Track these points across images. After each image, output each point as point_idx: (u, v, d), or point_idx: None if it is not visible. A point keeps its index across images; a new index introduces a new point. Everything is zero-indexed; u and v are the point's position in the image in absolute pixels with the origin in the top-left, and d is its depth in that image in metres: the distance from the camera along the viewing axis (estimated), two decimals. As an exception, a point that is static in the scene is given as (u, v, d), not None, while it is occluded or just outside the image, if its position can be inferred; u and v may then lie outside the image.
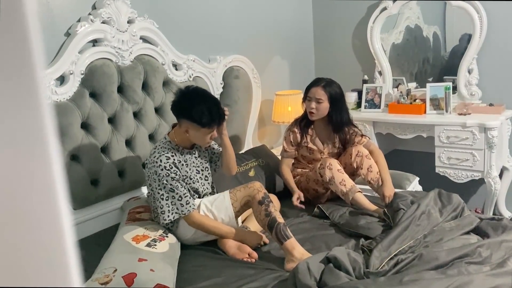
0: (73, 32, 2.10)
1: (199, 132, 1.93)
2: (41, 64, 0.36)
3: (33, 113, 0.36)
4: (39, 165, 0.37)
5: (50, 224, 0.38)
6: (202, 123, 1.90)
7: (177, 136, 2.00)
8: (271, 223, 1.86)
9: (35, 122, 0.37)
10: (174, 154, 1.94)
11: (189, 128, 1.93)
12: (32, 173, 0.37)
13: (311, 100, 2.39)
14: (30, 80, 0.36)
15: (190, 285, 1.69)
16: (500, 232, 1.91)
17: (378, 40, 3.30)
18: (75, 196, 2.09)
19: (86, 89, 2.14)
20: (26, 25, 0.35)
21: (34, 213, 0.38)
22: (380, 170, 2.36)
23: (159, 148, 1.95)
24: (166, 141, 1.99)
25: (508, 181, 3.05)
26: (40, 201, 0.38)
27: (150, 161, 1.94)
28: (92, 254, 1.85)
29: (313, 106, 2.38)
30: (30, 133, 0.37)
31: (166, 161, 1.90)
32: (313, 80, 2.48)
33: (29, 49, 0.36)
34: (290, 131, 2.52)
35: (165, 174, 1.88)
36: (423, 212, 1.99)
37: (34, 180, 0.37)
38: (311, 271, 1.55)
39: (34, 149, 0.37)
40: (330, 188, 2.35)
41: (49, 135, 0.37)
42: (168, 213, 1.89)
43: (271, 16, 3.30)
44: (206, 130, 1.93)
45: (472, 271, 1.57)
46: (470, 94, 3.01)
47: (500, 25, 2.89)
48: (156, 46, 2.45)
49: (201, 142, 2.01)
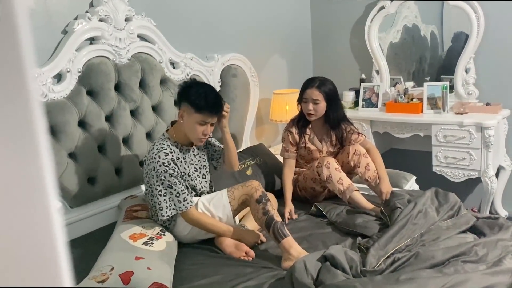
0: (70, 30, 2.09)
1: (192, 117, 1.90)
2: (31, 61, 0.36)
3: (23, 111, 0.36)
4: (29, 164, 0.37)
5: (40, 223, 0.38)
6: (197, 105, 1.89)
7: (176, 132, 2.00)
8: (269, 222, 1.86)
9: (25, 120, 0.36)
10: (172, 151, 1.94)
11: (184, 112, 1.92)
12: (22, 171, 0.37)
13: (308, 101, 2.39)
14: (20, 77, 0.36)
15: (187, 283, 1.69)
16: (497, 231, 1.91)
17: (376, 39, 3.31)
18: (72, 194, 2.09)
19: (83, 87, 2.14)
20: (15, 22, 0.35)
21: (24, 212, 0.37)
22: (377, 168, 2.37)
23: (157, 145, 1.94)
24: (165, 138, 1.98)
25: (504, 180, 3.06)
26: (30, 199, 0.37)
27: (148, 158, 1.94)
28: (89, 253, 1.84)
29: (311, 107, 2.38)
30: (20, 131, 0.36)
31: (165, 157, 1.89)
32: (306, 81, 2.45)
33: (18, 45, 0.35)
34: (288, 132, 2.51)
35: (163, 170, 1.88)
36: (420, 211, 1.99)
37: (24, 178, 0.37)
38: (308, 269, 1.55)
39: (24, 147, 0.37)
40: (328, 187, 2.36)
41: (39, 132, 0.37)
42: (166, 209, 1.89)
43: (270, 14, 3.30)
44: (199, 117, 1.90)
45: (468, 270, 1.58)
46: (467, 94, 3.02)
47: (497, 24, 2.90)
48: (154, 44, 2.45)
49: (192, 131, 1.93)
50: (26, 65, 0.36)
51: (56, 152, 2.00)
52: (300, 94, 2.44)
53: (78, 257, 1.88)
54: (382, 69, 3.32)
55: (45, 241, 0.38)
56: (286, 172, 2.47)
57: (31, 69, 0.36)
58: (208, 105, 1.90)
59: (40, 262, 0.38)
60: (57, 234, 0.38)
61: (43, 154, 0.37)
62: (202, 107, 1.89)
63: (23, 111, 0.36)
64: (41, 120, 0.37)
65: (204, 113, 1.90)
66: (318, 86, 2.37)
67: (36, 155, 0.37)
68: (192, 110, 1.90)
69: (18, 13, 0.35)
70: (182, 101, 1.94)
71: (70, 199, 2.10)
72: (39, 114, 0.37)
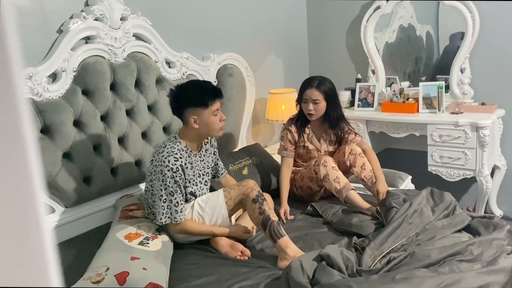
0: (65, 29, 2.08)
1: (205, 115, 1.92)
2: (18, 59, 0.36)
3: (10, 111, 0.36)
4: (16, 163, 0.36)
5: (28, 222, 0.37)
6: (203, 102, 1.90)
7: (186, 136, 1.99)
8: (265, 221, 1.86)
9: (12, 120, 0.36)
10: (182, 156, 1.93)
11: (195, 118, 1.92)
12: (8, 171, 0.36)
13: (308, 101, 2.38)
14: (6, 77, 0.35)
15: (183, 283, 1.68)
16: (491, 230, 1.92)
17: (372, 39, 3.31)
18: (67, 194, 2.08)
19: (79, 86, 2.13)
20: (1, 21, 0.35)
21: (11, 211, 0.37)
22: (373, 168, 2.37)
23: (168, 148, 1.92)
24: (177, 141, 1.96)
25: (499, 179, 3.08)
26: (17, 199, 0.37)
27: (157, 159, 1.92)
28: (84, 253, 1.84)
29: (311, 108, 2.38)
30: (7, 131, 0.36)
31: (174, 163, 1.88)
32: (306, 80, 2.45)
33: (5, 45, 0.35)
34: (287, 130, 2.49)
35: (170, 176, 1.87)
36: (415, 211, 2.00)
37: (10, 178, 0.37)
38: (304, 269, 1.55)
39: (11, 147, 0.36)
40: (324, 186, 2.36)
41: (26, 132, 0.36)
42: (162, 216, 1.89)
43: (266, 14, 3.30)
44: (211, 110, 1.92)
45: (464, 269, 1.58)
46: (463, 93, 3.03)
47: (492, 24, 2.91)
48: (149, 44, 2.44)
49: (212, 126, 1.95)
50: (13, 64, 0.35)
51: (51, 152, 1.99)
52: (300, 95, 2.43)
53: (73, 257, 1.88)
54: (378, 69, 3.33)
55: (32, 241, 0.38)
56: (284, 171, 2.46)
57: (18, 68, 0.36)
58: (211, 95, 1.92)
59: (28, 261, 0.38)
60: (45, 233, 0.38)
61: (30, 154, 0.37)
62: (208, 100, 1.91)
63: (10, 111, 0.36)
64: (29, 120, 0.37)
65: (212, 102, 1.92)
66: (317, 86, 2.37)
67: (23, 154, 0.36)
68: (201, 108, 1.91)
69: (4, 11, 0.35)
70: (185, 108, 1.92)
71: (65, 199, 2.09)
72: (27, 114, 0.37)
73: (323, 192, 2.45)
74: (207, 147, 2.12)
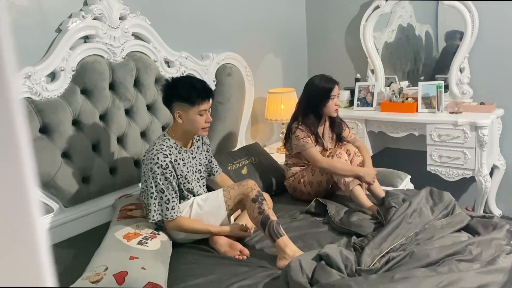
0: (64, 28, 2.08)
1: (190, 112, 1.91)
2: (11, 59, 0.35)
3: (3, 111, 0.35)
4: (9, 164, 0.36)
5: (21, 222, 0.37)
6: (190, 99, 1.89)
7: (174, 132, 1.99)
8: (264, 221, 1.86)
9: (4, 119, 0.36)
10: (171, 153, 1.93)
11: (180, 112, 1.92)
12: (1, 171, 0.36)
13: (335, 97, 2.46)
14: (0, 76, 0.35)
15: (182, 283, 1.68)
16: (491, 230, 1.92)
17: (371, 39, 3.31)
18: (66, 194, 2.07)
19: (78, 85, 2.12)
20: None
21: (4, 211, 0.37)
22: (365, 160, 2.42)
23: (157, 145, 1.93)
24: (165, 138, 1.97)
25: (498, 179, 3.08)
26: (11, 199, 0.37)
27: (147, 157, 1.92)
28: (83, 252, 1.84)
29: (338, 102, 2.50)
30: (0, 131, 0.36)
31: (164, 159, 1.88)
32: (326, 79, 2.47)
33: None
34: (298, 128, 2.45)
35: (160, 173, 1.87)
36: (414, 210, 2.00)
37: (4, 178, 0.36)
38: (303, 268, 1.55)
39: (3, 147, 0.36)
40: (334, 178, 2.37)
41: (20, 131, 0.36)
42: (154, 213, 1.90)
43: (265, 13, 3.29)
44: (197, 109, 1.91)
45: (463, 269, 1.58)
46: (462, 93, 3.03)
47: (491, 24, 2.91)
48: (148, 43, 2.44)
49: (195, 125, 1.94)
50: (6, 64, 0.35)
51: (50, 152, 1.99)
52: (327, 93, 2.43)
53: (72, 257, 1.87)
54: (377, 69, 3.33)
55: (26, 241, 0.38)
56: (325, 158, 2.38)
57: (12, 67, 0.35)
58: (200, 94, 1.91)
59: (22, 261, 0.38)
60: (39, 233, 0.38)
61: (24, 154, 0.36)
62: (196, 98, 1.90)
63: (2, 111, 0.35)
64: (23, 120, 0.37)
65: (200, 102, 1.91)
66: (337, 82, 2.49)
67: (16, 154, 0.36)
68: (187, 105, 1.90)
69: None
70: (173, 101, 1.93)
71: (64, 199, 2.09)
72: (21, 114, 0.36)
73: (330, 188, 2.47)
74: (199, 144, 2.13)
